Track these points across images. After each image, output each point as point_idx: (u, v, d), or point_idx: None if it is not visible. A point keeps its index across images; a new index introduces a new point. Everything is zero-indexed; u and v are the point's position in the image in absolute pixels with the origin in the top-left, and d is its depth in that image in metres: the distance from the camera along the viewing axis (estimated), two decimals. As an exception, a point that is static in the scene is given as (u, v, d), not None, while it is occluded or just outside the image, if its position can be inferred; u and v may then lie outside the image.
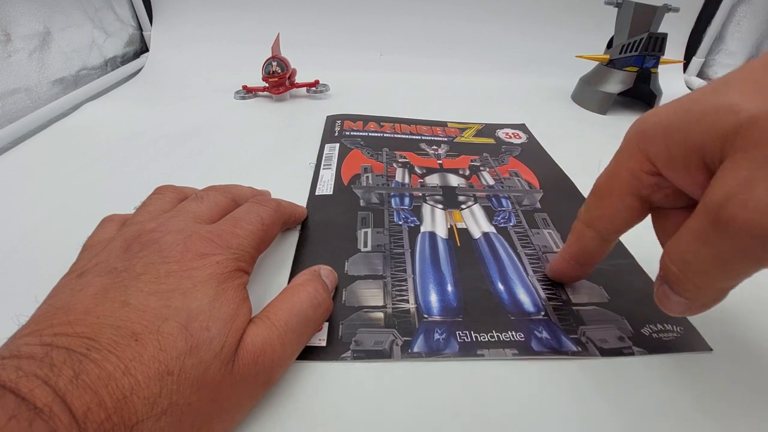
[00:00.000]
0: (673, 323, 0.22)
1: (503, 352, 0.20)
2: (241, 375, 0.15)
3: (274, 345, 0.16)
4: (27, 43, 0.43)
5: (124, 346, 0.13)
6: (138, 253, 0.16)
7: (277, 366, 0.16)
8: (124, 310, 0.14)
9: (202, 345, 0.14)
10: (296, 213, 0.27)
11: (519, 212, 0.30)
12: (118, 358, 0.12)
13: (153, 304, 0.14)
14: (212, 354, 0.14)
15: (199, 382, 0.14)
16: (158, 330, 0.14)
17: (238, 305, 0.16)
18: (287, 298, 0.18)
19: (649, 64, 0.46)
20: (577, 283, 0.24)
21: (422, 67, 0.59)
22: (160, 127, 0.41)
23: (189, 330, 0.14)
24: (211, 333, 0.15)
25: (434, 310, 0.22)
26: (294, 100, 0.49)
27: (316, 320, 0.19)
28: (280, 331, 0.17)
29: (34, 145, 0.37)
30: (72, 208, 0.29)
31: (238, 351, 0.15)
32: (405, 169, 0.35)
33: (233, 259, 0.17)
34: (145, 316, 0.14)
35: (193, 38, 0.60)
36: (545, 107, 0.51)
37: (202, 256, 0.17)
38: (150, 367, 0.13)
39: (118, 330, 0.13)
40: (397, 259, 0.25)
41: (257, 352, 0.16)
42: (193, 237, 0.17)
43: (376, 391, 0.18)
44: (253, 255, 0.19)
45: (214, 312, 0.15)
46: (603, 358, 0.20)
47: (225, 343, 0.15)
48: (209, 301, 0.15)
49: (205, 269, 0.16)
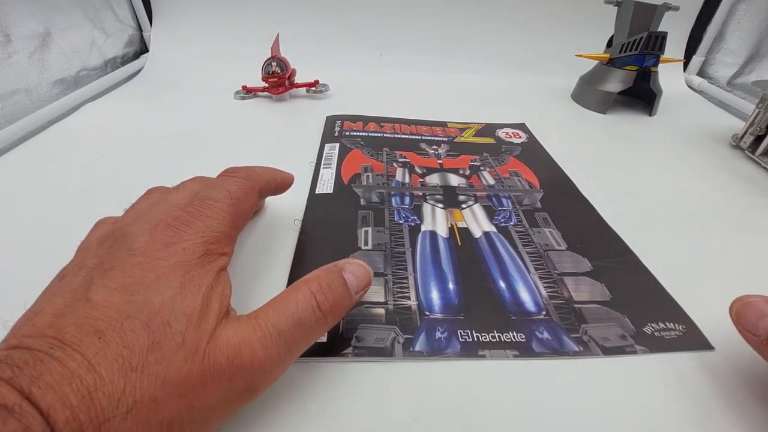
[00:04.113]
0: (675, 322, 0.22)
1: (504, 353, 0.20)
2: (211, 373, 0.14)
3: (254, 347, 0.15)
4: (27, 44, 0.43)
5: (87, 344, 0.13)
6: (109, 248, 0.16)
7: (257, 371, 0.15)
8: (87, 306, 0.14)
9: (164, 341, 0.14)
10: (277, 177, 0.25)
11: (519, 212, 0.30)
12: (82, 356, 0.12)
13: (116, 299, 0.14)
14: (174, 347, 0.14)
15: (164, 378, 0.13)
16: (121, 327, 0.13)
17: (205, 294, 0.15)
18: (283, 297, 0.17)
19: (649, 62, 0.46)
20: (578, 281, 0.24)
21: (422, 67, 0.59)
22: (160, 128, 0.41)
23: (150, 327, 0.14)
24: (173, 328, 0.14)
25: (436, 307, 0.22)
26: (294, 100, 0.49)
27: (314, 325, 0.17)
28: (264, 333, 0.15)
29: (34, 145, 0.37)
30: (72, 208, 0.29)
31: (209, 347, 0.14)
32: (405, 168, 0.35)
33: (201, 243, 0.17)
34: (108, 313, 0.14)
35: (193, 38, 0.60)
36: (545, 106, 0.51)
37: (168, 246, 0.16)
38: (113, 363, 0.13)
39: (81, 328, 0.13)
40: (398, 257, 0.25)
41: (232, 352, 0.15)
42: (159, 226, 0.17)
43: (377, 390, 0.18)
44: (226, 233, 0.18)
45: (177, 306, 0.15)
46: (605, 357, 0.20)
47: (186, 337, 0.14)
48: (172, 294, 0.15)
49: (170, 259, 0.16)
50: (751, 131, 0.40)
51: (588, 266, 0.25)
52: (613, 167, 0.38)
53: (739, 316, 0.18)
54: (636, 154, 0.41)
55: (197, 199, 0.19)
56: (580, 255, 0.26)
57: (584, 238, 0.28)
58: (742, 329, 0.18)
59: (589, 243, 0.27)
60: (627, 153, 0.41)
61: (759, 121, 0.39)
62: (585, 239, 0.28)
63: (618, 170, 0.38)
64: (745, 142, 0.41)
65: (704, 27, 0.61)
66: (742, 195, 0.34)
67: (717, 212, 0.32)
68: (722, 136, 0.44)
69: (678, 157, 0.40)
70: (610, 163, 0.39)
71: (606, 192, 0.33)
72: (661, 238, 0.28)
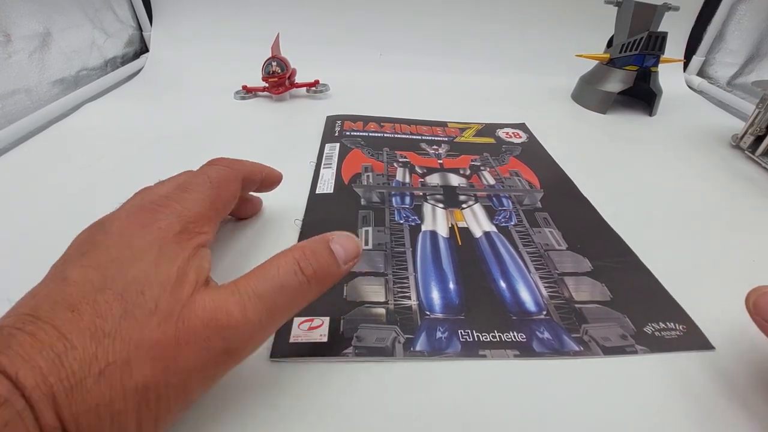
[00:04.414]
0: (675, 322, 0.22)
1: (505, 353, 0.20)
2: (187, 336, 0.14)
3: (230, 309, 0.15)
4: (27, 44, 0.43)
5: (60, 317, 0.13)
6: (87, 235, 0.17)
7: (234, 332, 0.15)
8: (63, 284, 0.14)
9: (137, 308, 0.14)
10: (263, 171, 0.25)
11: (520, 211, 0.30)
12: (53, 327, 0.13)
13: (91, 276, 0.14)
14: (147, 313, 0.14)
15: (137, 341, 0.13)
16: (95, 300, 0.14)
17: (181, 266, 0.15)
18: (264, 264, 0.17)
19: (649, 63, 0.46)
20: (579, 281, 0.24)
21: (422, 67, 0.59)
22: (160, 128, 0.41)
23: (124, 297, 0.14)
24: (146, 296, 0.14)
25: (436, 307, 0.22)
26: (294, 100, 0.49)
27: (297, 290, 0.16)
28: (242, 296, 0.15)
29: (34, 145, 0.37)
30: (72, 208, 0.29)
31: (184, 311, 0.14)
32: (405, 168, 0.35)
33: (177, 221, 0.17)
34: (82, 289, 0.14)
35: (193, 38, 0.60)
36: (545, 106, 0.51)
37: (144, 226, 0.16)
38: (86, 332, 0.13)
39: (55, 304, 0.13)
40: (398, 257, 0.25)
41: (207, 315, 0.14)
42: (135, 209, 0.17)
43: (378, 390, 0.18)
44: (205, 215, 0.18)
45: (152, 277, 0.15)
46: (606, 357, 0.20)
47: (159, 302, 0.14)
48: (146, 266, 0.15)
49: (146, 237, 0.16)
50: (751, 131, 0.40)
51: (588, 266, 0.25)
52: (614, 167, 0.38)
53: (757, 306, 0.18)
54: (636, 154, 0.41)
55: (177, 185, 0.19)
56: (580, 255, 0.26)
57: (584, 238, 0.28)
58: (760, 319, 0.18)
59: (589, 243, 0.27)
60: (627, 153, 0.41)
61: (759, 121, 0.39)
62: (585, 239, 0.28)
63: (618, 170, 0.38)
64: (745, 142, 0.41)
65: (704, 27, 0.61)
66: (742, 195, 0.34)
67: (717, 212, 0.32)
68: (722, 136, 0.44)
69: (678, 157, 0.40)
70: (611, 163, 0.39)
71: (606, 192, 0.33)
72: (661, 238, 0.28)
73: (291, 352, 0.19)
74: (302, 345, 0.20)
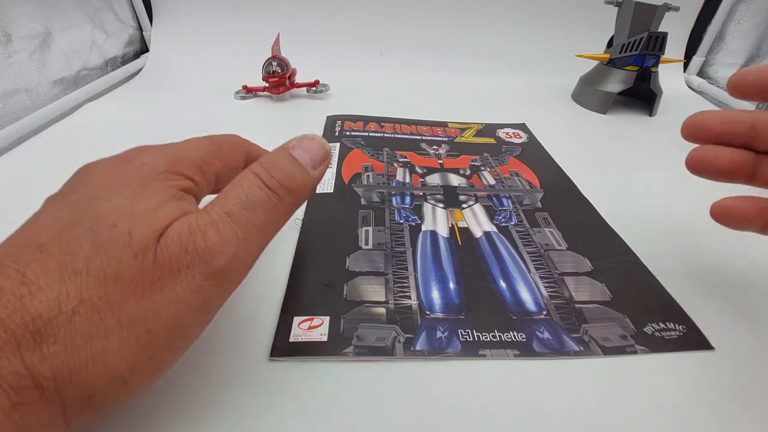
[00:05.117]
0: (675, 322, 0.22)
1: (505, 353, 0.20)
2: (168, 265, 0.13)
3: (206, 231, 0.14)
4: (27, 44, 0.43)
5: (26, 260, 0.12)
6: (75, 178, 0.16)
7: (216, 253, 0.14)
8: (33, 227, 0.14)
9: (110, 242, 0.13)
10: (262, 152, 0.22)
11: (520, 211, 0.30)
12: (16, 271, 0.12)
13: (62, 215, 0.14)
14: (121, 246, 0.13)
15: (114, 277, 0.13)
16: (62, 236, 0.13)
17: (161, 201, 0.14)
18: (228, 186, 0.16)
19: (649, 63, 0.46)
20: (579, 281, 0.24)
21: (422, 67, 0.59)
22: (161, 128, 0.41)
23: (95, 231, 0.13)
24: (119, 229, 0.13)
25: (436, 306, 0.22)
26: (294, 100, 0.49)
27: (266, 202, 0.15)
28: (213, 217, 0.14)
29: (34, 145, 0.37)
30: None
31: (161, 240, 0.14)
32: (406, 168, 0.35)
33: (164, 162, 0.16)
34: (52, 228, 0.13)
35: (193, 38, 0.60)
36: (545, 107, 0.51)
37: (126, 161, 0.15)
38: (54, 272, 0.12)
39: (23, 246, 0.13)
40: (398, 257, 0.25)
41: (183, 240, 0.14)
42: (124, 151, 0.16)
43: (378, 390, 0.18)
44: (195, 162, 0.17)
45: (126, 209, 0.14)
46: (606, 356, 0.20)
47: (133, 234, 0.13)
48: (122, 200, 0.14)
49: (126, 172, 0.15)
50: (751, 131, 0.40)
51: (588, 266, 0.25)
52: (614, 167, 0.38)
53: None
54: (636, 154, 0.41)
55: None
56: (580, 255, 0.26)
57: (585, 238, 0.28)
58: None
59: (589, 243, 0.27)
60: (627, 153, 0.41)
61: (759, 121, 0.39)
62: (585, 239, 0.28)
63: (618, 170, 0.38)
64: (745, 142, 0.41)
65: (704, 27, 0.61)
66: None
67: (717, 212, 0.32)
68: (722, 136, 0.44)
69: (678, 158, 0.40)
70: (611, 163, 0.39)
71: (606, 192, 0.33)
72: (661, 238, 0.28)
73: (291, 352, 0.19)
74: (302, 344, 0.20)
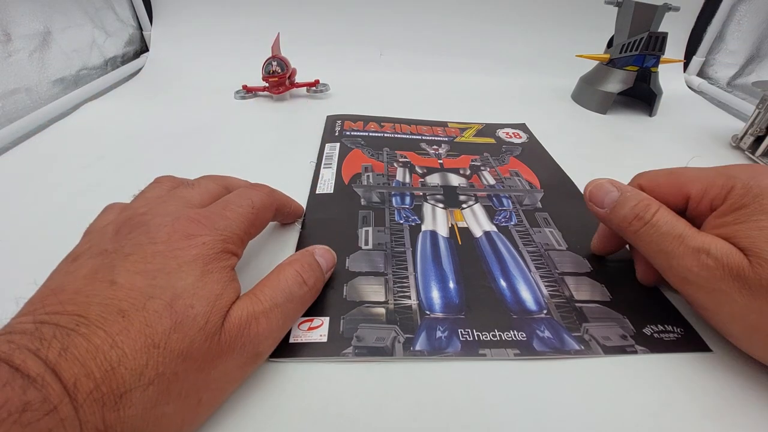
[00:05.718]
0: (674, 324, 0.22)
1: (505, 353, 0.20)
2: (227, 346, 0.16)
3: (259, 318, 0.17)
4: (27, 43, 0.43)
5: (111, 322, 0.13)
6: (127, 235, 0.17)
7: (263, 338, 0.17)
8: (111, 288, 0.14)
9: (187, 321, 0.15)
10: (292, 204, 0.27)
11: (520, 211, 0.30)
12: (105, 333, 0.13)
13: (139, 283, 0.15)
14: (197, 328, 0.15)
15: (185, 354, 0.14)
16: (144, 307, 0.14)
17: (224, 285, 0.17)
18: (274, 276, 0.19)
19: (649, 63, 0.46)
20: (579, 281, 0.24)
21: (422, 67, 0.59)
22: (161, 127, 0.41)
23: (174, 307, 0.15)
24: (195, 310, 0.15)
25: (436, 306, 0.22)
26: (294, 99, 0.49)
27: (302, 297, 0.19)
28: (265, 306, 0.17)
29: (34, 145, 0.37)
30: (72, 208, 0.29)
31: (224, 325, 0.16)
32: (406, 168, 0.35)
33: (220, 240, 0.18)
34: (131, 295, 0.14)
35: (193, 38, 0.60)
36: (545, 107, 0.51)
37: (189, 237, 0.17)
38: (137, 341, 0.13)
39: (105, 307, 0.14)
40: (398, 257, 0.25)
41: (242, 325, 0.16)
42: (181, 219, 0.18)
43: (378, 390, 0.18)
44: (241, 237, 0.19)
45: (198, 291, 0.16)
46: (606, 356, 0.20)
47: (209, 318, 0.15)
48: (194, 280, 0.16)
49: (191, 250, 0.17)
50: (751, 132, 0.40)
51: (588, 266, 0.25)
52: (613, 167, 0.38)
53: (591, 195, 0.22)
54: (636, 155, 0.41)
55: (222, 201, 0.20)
56: (580, 255, 0.26)
57: (584, 239, 0.28)
58: (592, 205, 0.22)
59: (589, 243, 0.27)
60: (627, 153, 0.41)
61: (759, 121, 0.39)
62: (585, 239, 0.28)
63: (618, 170, 0.37)
64: (745, 142, 0.41)
65: (704, 28, 0.61)
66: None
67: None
68: (722, 136, 0.45)
69: (678, 158, 0.40)
70: (610, 163, 0.39)
71: (606, 192, 0.33)
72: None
73: (291, 352, 0.19)
74: (302, 345, 0.20)
